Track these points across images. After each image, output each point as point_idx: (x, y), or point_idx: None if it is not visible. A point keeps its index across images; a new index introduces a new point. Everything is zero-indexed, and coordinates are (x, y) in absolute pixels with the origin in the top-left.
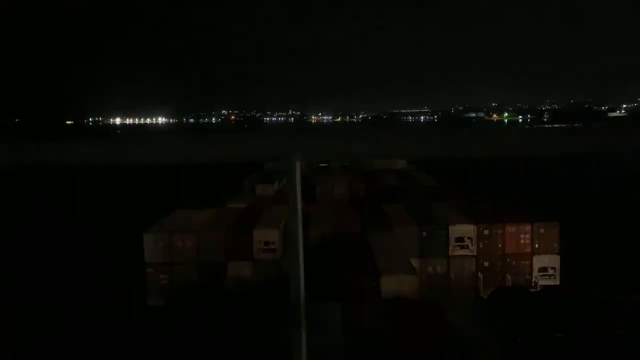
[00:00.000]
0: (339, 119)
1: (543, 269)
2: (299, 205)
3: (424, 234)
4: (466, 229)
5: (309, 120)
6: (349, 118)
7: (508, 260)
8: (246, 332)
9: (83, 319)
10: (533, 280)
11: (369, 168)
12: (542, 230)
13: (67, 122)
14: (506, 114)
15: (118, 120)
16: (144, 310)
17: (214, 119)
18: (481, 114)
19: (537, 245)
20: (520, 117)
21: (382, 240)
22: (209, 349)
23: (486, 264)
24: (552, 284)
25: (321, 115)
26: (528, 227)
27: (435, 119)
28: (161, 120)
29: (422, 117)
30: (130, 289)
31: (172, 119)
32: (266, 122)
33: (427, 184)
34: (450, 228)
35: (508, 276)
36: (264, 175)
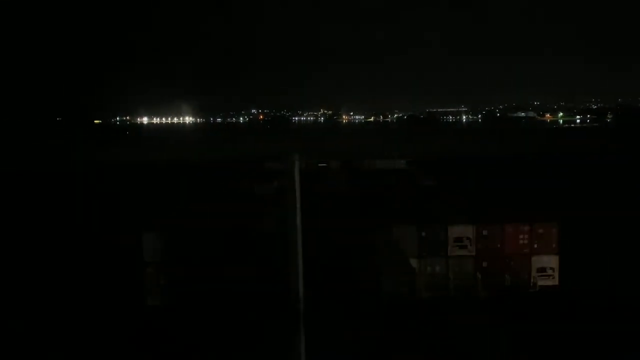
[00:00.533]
0: (371, 119)
1: (542, 269)
2: (299, 205)
3: (423, 234)
4: (465, 229)
5: (340, 120)
6: (383, 118)
7: (507, 260)
8: (245, 332)
9: (83, 319)
10: (532, 280)
11: (369, 168)
12: (540, 231)
13: (95, 122)
14: (561, 114)
15: (145, 120)
16: (143, 310)
17: (242, 118)
18: (531, 114)
19: (535, 246)
20: (578, 117)
21: (382, 240)
22: (209, 349)
23: (485, 264)
24: (551, 284)
25: (352, 115)
26: (527, 227)
27: (479, 118)
28: (188, 119)
29: (464, 117)
30: (130, 289)
31: (200, 118)
32: (294, 121)
33: (427, 184)
34: (450, 228)
35: (507, 276)
36: (264, 175)
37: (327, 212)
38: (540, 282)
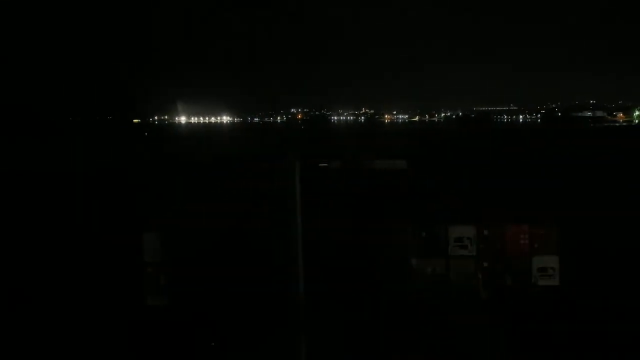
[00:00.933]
0: (416, 118)
1: (542, 269)
2: (299, 205)
3: (423, 234)
4: (466, 229)
5: (382, 119)
6: (428, 117)
7: (507, 260)
8: (245, 332)
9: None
10: (532, 280)
11: (368, 167)
12: (541, 231)
13: (135, 121)
14: (638, 113)
15: (183, 119)
16: (143, 310)
17: (279, 117)
18: (600, 113)
19: (536, 246)
20: None
21: (382, 240)
22: (209, 349)
23: (485, 264)
24: (552, 284)
25: (395, 114)
26: (527, 227)
27: (538, 118)
28: (226, 119)
29: (520, 116)
30: (130, 289)
31: (237, 117)
32: (333, 121)
33: (427, 184)
34: (450, 228)
35: (508, 276)
36: (264, 174)
37: (327, 212)
38: (541, 282)
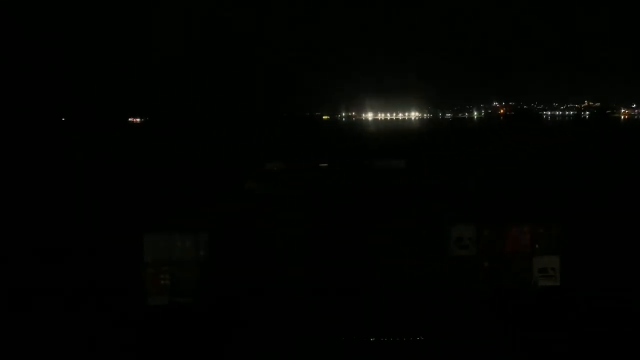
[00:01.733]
0: None
1: (543, 270)
2: (299, 205)
3: (423, 234)
4: (466, 229)
5: (616, 115)
6: None
7: (508, 260)
8: (245, 332)
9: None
10: (533, 280)
11: (368, 167)
12: (542, 230)
13: (324, 117)
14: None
15: (370, 116)
16: (143, 310)
17: (476, 112)
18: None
19: (537, 246)
20: None
21: (382, 240)
22: (209, 349)
23: (485, 264)
24: (552, 284)
25: (636, 108)
26: (528, 227)
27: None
28: (414, 115)
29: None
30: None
31: (427, 113)
32: (546, 117)
33: (427, 183)
34: (450, 228)
35: (508, 276)
36: (265, 175)
37: (327, 212)
38: (542, 283)
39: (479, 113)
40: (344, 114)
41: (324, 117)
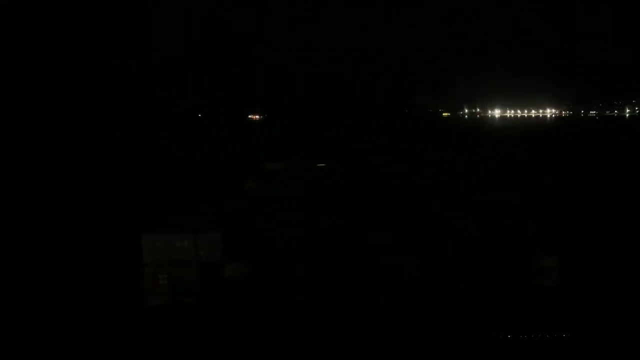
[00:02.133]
0: None
1: (543, 269)
2: (300, 205)
3: (424, 233)
4: (467, 229)
5: None
6: None
7: (507, 259)
8: (246, 331)
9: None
10: (532, 280)
11: (368, 168)
12: (539, 230)
13: (444, 115)
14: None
15: (497, 112)
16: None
17: (628, 110)
18: None
19: (536, 245)
20: None
21: (382, 240)
22: (209, 348)
23: (486, 264)
24: (551, 284)
25: None
26: (527, 227)
27: None
28: (550, 112)
29: None
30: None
31: (565, 110)
32: None
33: (427, 183)
34: (450, 228)
35: (508, 276)
36: (265, 175)
37: (327, 212)
38: (541, 282)
39: (632, 110)
40: (466, 111)
41: (444, 114)
